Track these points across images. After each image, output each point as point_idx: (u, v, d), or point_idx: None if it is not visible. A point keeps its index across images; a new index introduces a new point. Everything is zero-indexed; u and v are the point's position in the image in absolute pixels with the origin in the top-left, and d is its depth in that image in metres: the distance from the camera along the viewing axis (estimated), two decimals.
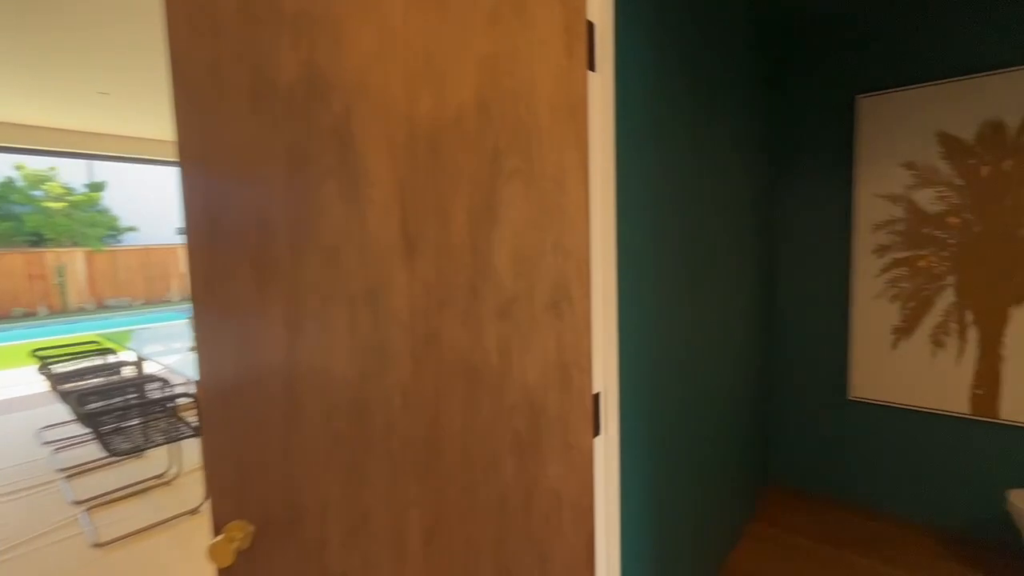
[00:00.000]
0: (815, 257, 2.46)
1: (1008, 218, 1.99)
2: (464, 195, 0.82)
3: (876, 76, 2.23)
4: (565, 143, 0.83)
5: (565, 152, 0.83)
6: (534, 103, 0.82)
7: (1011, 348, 2.03)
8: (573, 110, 0.83)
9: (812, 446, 2.57)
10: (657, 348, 1.41)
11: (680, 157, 1.51)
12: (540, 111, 0.82)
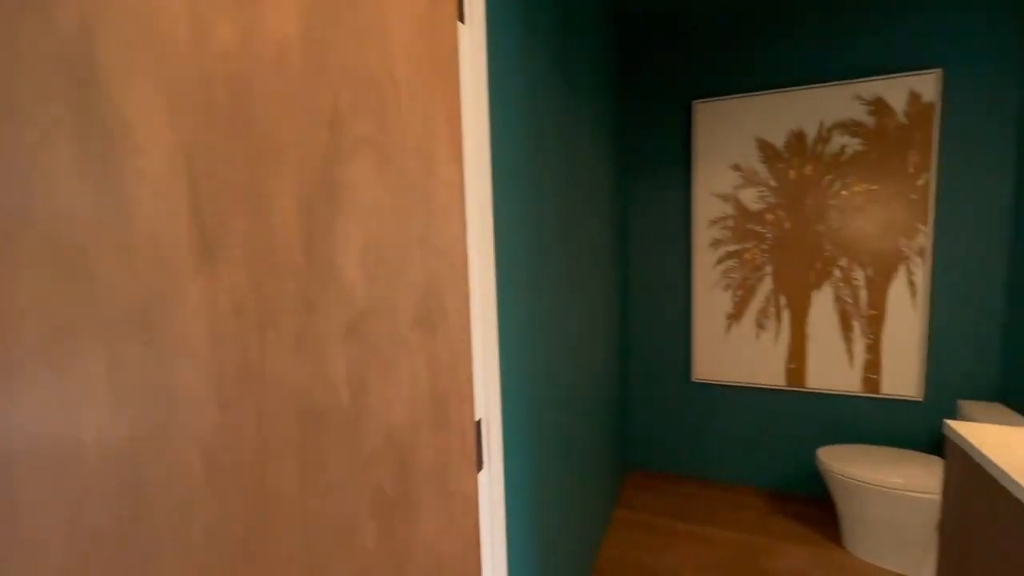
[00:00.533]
0: (661, 250, 2.63)
1: (809, 216, 2.32)
2: (291, 171, 0.58)
3: (710, 84, 2.44)
4: (432, 107, 0.63)
5: (433, 119, 0.63)
6: (389, 52, 0.61)
7: (813, 327, 2.38)
8: (441, 67, 0.64)
9: (664, 429, 2.76)
10: (534, 352, 1.30)
11: (551, 142, 1.43)
12: (397, 63, 0.62)
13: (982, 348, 2.17)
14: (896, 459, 2.06)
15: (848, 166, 2.24)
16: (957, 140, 2.10)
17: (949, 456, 1.48)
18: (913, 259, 2.19)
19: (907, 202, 2.17)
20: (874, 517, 1.98)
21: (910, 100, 2.12)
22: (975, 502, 1.33)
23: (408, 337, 0.64)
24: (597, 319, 2.04)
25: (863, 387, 2.33)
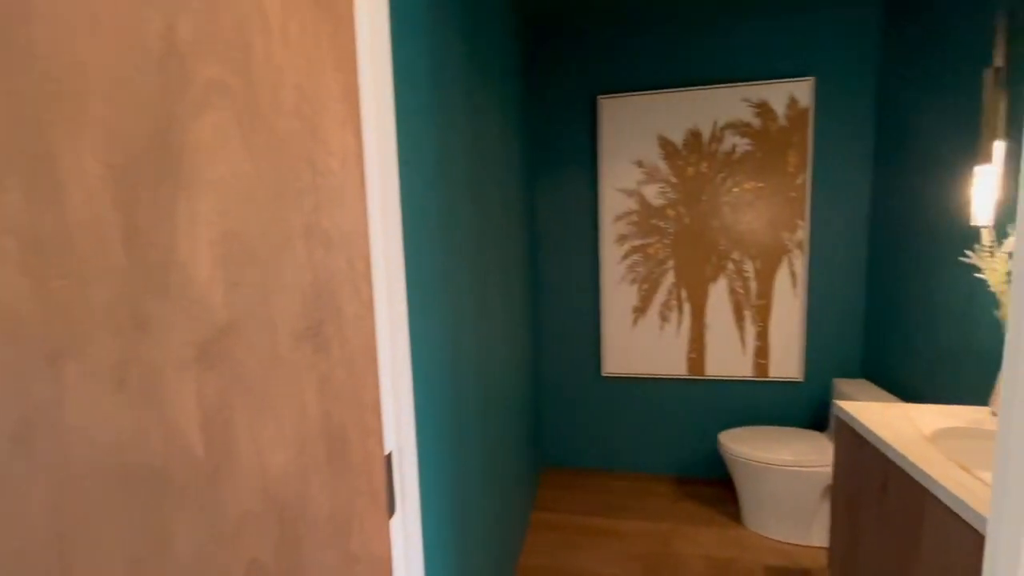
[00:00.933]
0: (571, 246, 2.62)
1: (706, 211, 2.44)
2: (100, 126, 0.40)
3: (614, 80, 2.46)
4: (319, 53, 0.48)
5: (319, 67, 0.48)
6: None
7: (711, 317, 2.50)
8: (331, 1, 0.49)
9: (577, 424, 2.76)
10: (452, 363, 1.17)
11: (461, 124, 1.30)
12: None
13: (848, 332, 2.42)
14: (785, 437, 2.23)
15: (738, 164, 2.37)
16: (828, 142, 2.32)
17: (838, 431, 1.59)
18: (794, 252, 2.39)
19: (788, 199, 2.36)
20: (769, 493, 2.12)
21: (789, 104, 2.29)
22: (860, 467, 1.44)
23: (291, 357, 0.48)
24: (513, 321, 1.96)
25: (754, 372, 2.50)
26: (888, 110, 2.18)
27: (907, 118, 2.06)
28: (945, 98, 1.82)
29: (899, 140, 2.11)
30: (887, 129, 2.19)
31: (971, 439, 1.38)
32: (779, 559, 2.05)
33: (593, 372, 2.69)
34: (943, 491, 1.09)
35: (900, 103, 2.10)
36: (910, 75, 2.03)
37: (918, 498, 1.19)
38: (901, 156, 2.10)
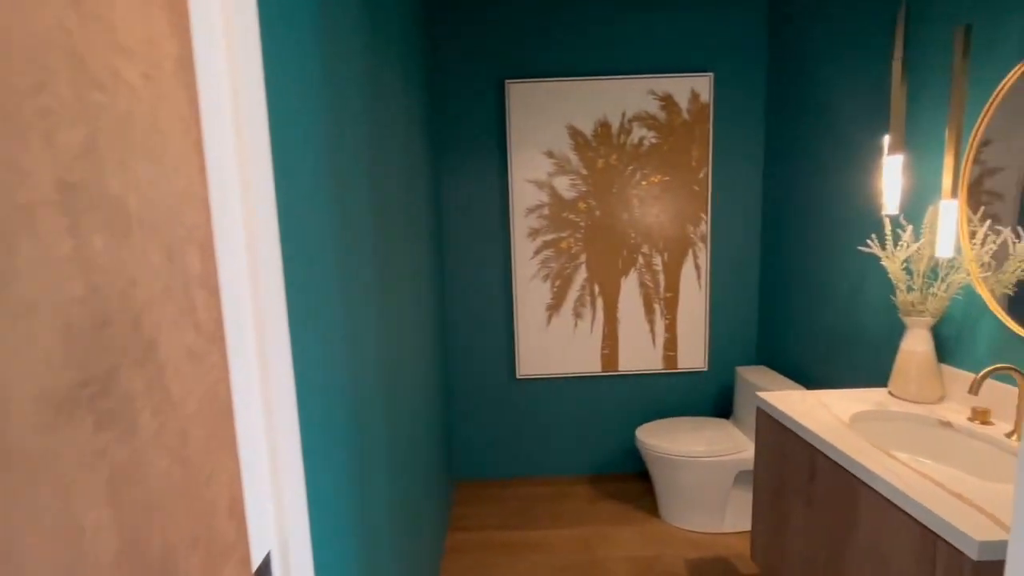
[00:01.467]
0: (480, 241, 2.43)
1: (616, 205, 2.39)
2: None
3: (523, 64, 2.31)
4: None
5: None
6: None
7: (623, 312, 2.47)
8: None
9: (492, 432, 2.59)
10: (350, 396, 0.91)
11: (354, 88, 1.04)
12: None
13: (746, 321, 2.54)
14: (697, 427, 2.25)
15: (646, 157, 2.36)
16: (726, 137, 2.39)
17: (760, 422, 1.58)
18: (698, 244, 2.44)
19: (692, 193, 2.39)
20: (685, 485, 2.13)
21: (691, 99, 2.32)
22: (785, 457, 1.44)
23: (40, 446, 0.23)
24: (423, 328, 1.72)
25: (664, 364, 2.52)
26: (775, 106, 2.29)
27: (791, 114, 2.17)
28: (828, 95, 1.92)
29: (786, 136, 2.22)
30: (775, 125, 2.30)
31: (883, 421, 1.43)
32: (698, 551, 2.06)
33: (507, 375, 2.53)
34: (880, 481, 1.08)
35: (785, 100, 2.21)
36: (791, 71, 2.14)
37: (851, 486, 1.18)
38: (787, 151, 2.21)
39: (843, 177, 1.87)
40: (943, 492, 1.00)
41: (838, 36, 1.89)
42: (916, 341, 1.47)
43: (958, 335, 1.46)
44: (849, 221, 1.84)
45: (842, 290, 1.91)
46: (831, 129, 1.93)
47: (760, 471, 1.60)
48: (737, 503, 2.14)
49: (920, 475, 1.07)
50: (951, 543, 0.91)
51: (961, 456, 1.29)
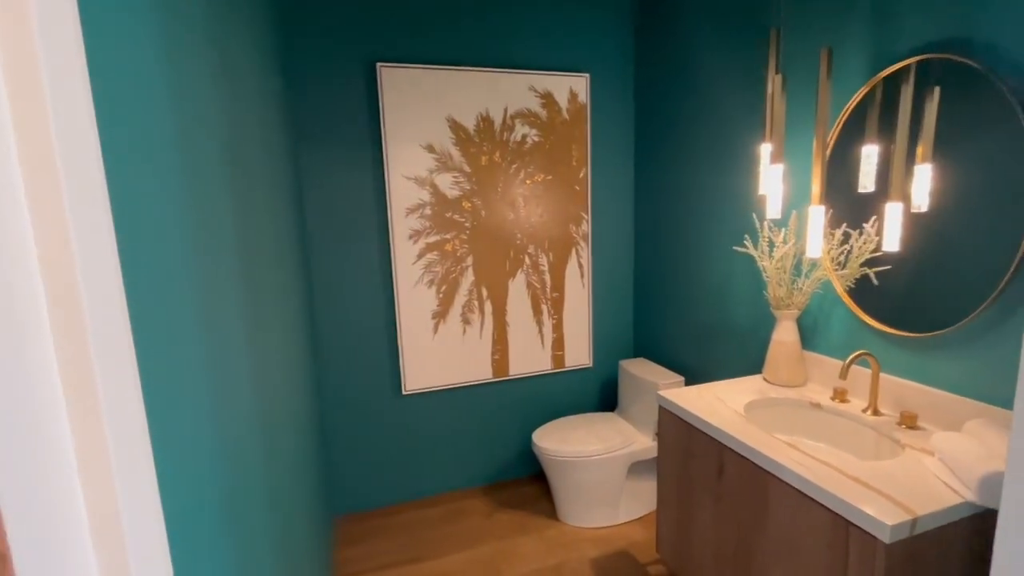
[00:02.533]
0: (355, 246, 2.14)
1: (501, 204, 2.29)
2: None
3: (397, 46, 2.06)
4: None
5: None
6: None
7: (512, 315, 2.39)
8: None
9: (377, 457, 2.32)
10: (219, 445, 0.65)
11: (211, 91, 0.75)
12: None
13: (623, 316, 2.65)
14: (589, 425, 2.28)
15: (529, 155, 2.30)
16: (602, 138, 2.44)
17: (662, 419, 1.61)
18: (580, 244, 2.46)
19: (573, 192, 2.40)
20: (583, 484, 2.14)
21: (570, 98, 2.31)
22: (691, 452, 1.48)
23: None
24: (293, 351, 1.42)
25: (553, 364, 2.51)
26: (645, 111, 2.40)
27: (660, 119, 2.29)
28: (696, 102, 2.06)
29: (655, 139, 2.34)
30: (645, 128, 2.42)
31: (769, 407, 1.55)
32: (599, 548, 2.08)
33: (392, 393, 2.29)
34: (789, 473, 1.14)
35: (654, 104, 2.32)
36: (659, 77, 2.26)
37: (760, 479, 1.23)
38: (656, 154, 2.34)
39: (713, 180, 2.01)
40: (844, 478, 1.09)
41: (706, 47, 2.01)
42: (785, 332, 1.63)
43: (815, 324, 1.65)
44: (719, 222, 1.99)
45: (713, 286, 2.06)
46: (699, 134, 2.06)
47: (665, 467, 1.64)
48: (629, 493, 2.22)
49: (820, 462, 1.15)
50: (864, 529, 0.98)
51: (832, 433, 1.45)
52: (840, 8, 1.47)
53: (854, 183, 1.47)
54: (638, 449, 2.14)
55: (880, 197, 1.41)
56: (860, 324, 1.49)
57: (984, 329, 1.21)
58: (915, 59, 1.30)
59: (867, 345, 1.48)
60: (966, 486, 1.01)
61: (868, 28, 1.40)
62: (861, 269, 1.46)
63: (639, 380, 2.27)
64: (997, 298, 1.17)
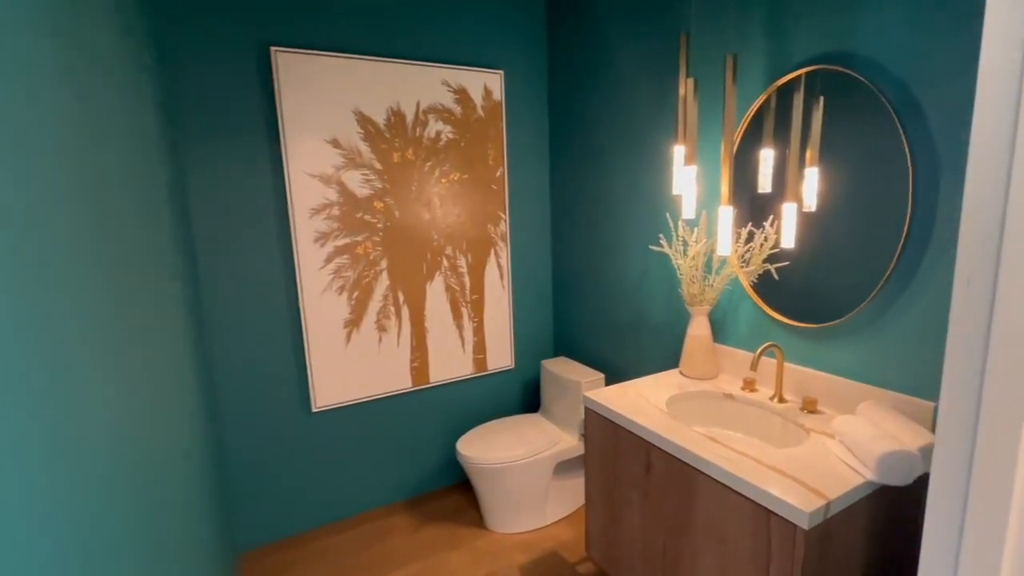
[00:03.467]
0: (250, 251, 1.91)
1: (415, 204, 2.17)
2: None
3: (295, 28, 1.86)
4: None
5: None
6: None
7: (431, 320, 2.29)
8: None
9: (286, 481, 2.10)
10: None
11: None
12: None
13: (544, 315, 2.64)
14: (514, 428, 2.24)
15: (444, 153, 2.20)
16: (518, 135, 2.40)
17: (588, 417, 1.61)
18: (499, 244, 2.41)
19: (491, 191, 2.34)
20: (510, 489, 2.10)
21: (485, 95, 2.25)
22: (619, 451, 1.49)
23: None
24: (177, 374, 1.21)
25: (475, 368, 2.44)
26: (559, 110, 2.41)
27: (574, 119, 2.31)
28: (608, 102, 2.09)
29: (569, 139, 2.36)
30: (559, 128, 2.42)
31: (688, 401, 1.60)
32: (528, 552, 2.06)
33: (300, 411, 2.08)
34: (714, 467, 1.17)
35: (568, 104, 2.34)
36: (571, 78, 2.27)
37: (687, 475, 1.26)
38: (570, 154, 2.35)
39: (628, 180, 2.05)
40: (762, 467, 1.14)
41: (620, 48, 2.04)
42: (698, 327, 1.70)
43: (725, 319, 1.73)
44: (635, 221, 2.04)
45: (630, 283, 2.11)
46: (614, 134, 2.10)
47: (592, 467, 1.64)
48: (556, 492, 2.22)
49: (740, 454, 1.20)
50: (784, 517, 1.02)
51: (744, 422, 1.53)
52: (742, 20, 1.54)
53: (755, 184, 1.56)
54: (563, 448, 2.14)
55: (777, 198, 1.50)
56: (765, 317, 1.59)
57: (870, 319, 1.32)
58: (805, 70, 1.39)
59: (772, 337, 1.58)
60: (865, 466, 1.09)
61: (766, 39, 1.49)
62: (764, 266, 1.55)
63: (561, 379, 2.27)
64: (880, 291, 1.29)
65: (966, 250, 0.53)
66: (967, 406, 0.54)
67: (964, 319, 0.53)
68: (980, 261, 0.52)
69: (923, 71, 1.17)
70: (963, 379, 0.54)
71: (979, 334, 0.52)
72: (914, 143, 1.20)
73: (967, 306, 0.53)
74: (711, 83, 1.63)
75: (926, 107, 1.17)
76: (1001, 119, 0.49)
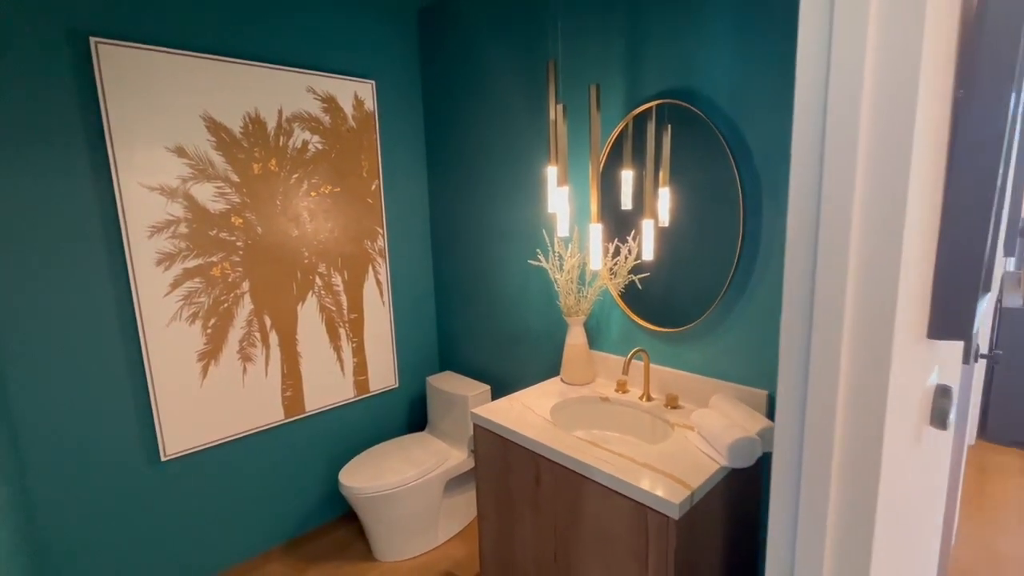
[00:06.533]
0: (62, 283, 1.59)
1: (281, 218, 2.00)
2: None
3: (123, 19, 1.59)
4: None
5: None
6: None
7: (304, 344, 2.12)
8: None
9: (131, 550, 1.78)
10: None
11: None
12: None
13: (427, 331, 2.60)
14: (400, 451, 2.17)
15: (313, 164, 2.06)
16: (393, 148, 2.34)
17: (477, 433, 1.62)
18: (377, 260, 2.32)
19: (366, 205, 2.24)
20: (400, 515, 2.02)
21: (356, 105, 2.15)
22: (509, 465, 1.51)
23: None
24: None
25: (356, 391, 2.31)
26: (434, 125, 2.40)
27: (450, 135, 2.31)
28: (481, 120, 2.13)
29: (446, 155, 2.36)
30: (435, 143, 2.41)
31: (570, 407, 1.68)
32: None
33: (145, 462, 1.79)
34: (597, 472, 1.24)
35: (443, 120, 2.34)
36: (445, 95, 2.28)
37: (573, 482, 1.32)
38: (448, 170, 2.36)
39: (506, 197, 2.11)
40: (637, 466, 1.24)
41: (493, 68, 2.09)
42: (575, 336, 1.80)
43: (599, 326, 1.86)
44: (513, 237, 2.10)
45: (511, 296, 2.17)
46: (490, 153, 2.14)
47: (484, 483, 1.64)
48: (447, 510, 2.19)
49: (617, 455, 1.29)
50: (656, 510, 1.12)
51: (619, 421, 1.65)
52: (604, 51, 1.68)
53: (618, 202, 1.70)
54: (453, 465, 2.12)
55: (638, 214, 1.66)
56: (632, 324, 1.74)
57: (716, 323, 1.52)
58: (656, 102, 1.56)
59: (639, 341, 1.73)
60: (719, 453, 1.25)
61: (624, 71, 1.64)
62: (629, 277, 1.70)
63: (447, 394, 2.25)
64: (721, 299, 1.48)
65: (790, 274, 0.63)
66: (797, 395, 0.64)
67: (792, 326, 0.63)
68: (800, 283, 0.62)
69: (747, 110, 1.38)
70: (793, 372, 0.64)
71: (802, 335, 0.62)
72: (742, 171, 1.40)
73: (793, 318, 0.63)
74: (579, 108, 1.74)
75: (750, 141, 1.38)
76: (810, 155, 0.60)
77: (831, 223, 0.58)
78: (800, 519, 0.65)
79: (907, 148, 0.53)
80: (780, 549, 0.69)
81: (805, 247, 0.61)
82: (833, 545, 0.63)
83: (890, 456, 0.62)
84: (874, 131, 0.54)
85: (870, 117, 0.54)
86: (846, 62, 0.54)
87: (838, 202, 0.57)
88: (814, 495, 0.63)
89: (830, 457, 0.61)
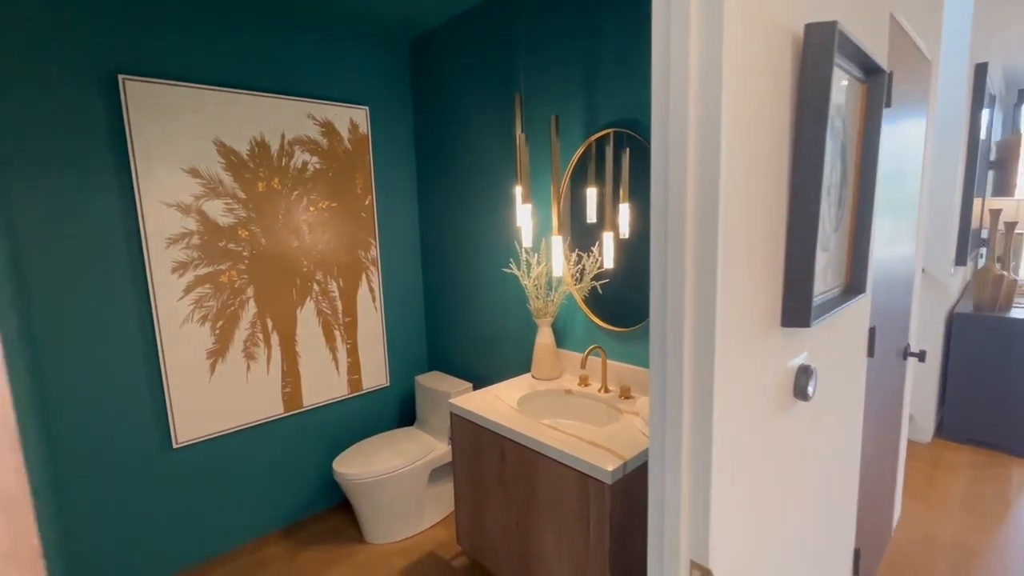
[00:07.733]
0: (96, 286, 1.82)
1: (283, 231, 2.23)
2: None
3: (146, 59, 1.83)
4: None
5: None
6: None
7: (303, 345, 2.33)
8: None
9: (144, 527, 1.99)
10: None
11: None
12: None
13: (417, 334, 2.82)
14: (390, 443, 2.37)
15: (312, 183, 2.29)
16: (386, 167, 2.57)
17: (454, 421, 1.82)
18: (370, 268, 2.54)
19: (360, 219, 2.47)
20: (388, 501, 2.22)
21: (351, 129, 2.39)
22: (479, 448, 1.72)
23: None
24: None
25: (350, 388, 2.52)
26: (423, 148, 2.63)
27: (436, 157, 2.55)
28: (463, 146, 2.37)
29: (434, 174, 2.59)
30: (424, 164, 2.65)
31: (536, 399, 1.88)
32: (407, 557, 2.19)
33: (159, 448, 2.00)
34: (549, 448, 1.45)
35: (431, 144, 2.57)
36: (433, 120, 2.52)
37: (531, 459, 1.53)
38: (436, 188, 2.59)
39: (483, 211, 2.34)
40: (583, 443, 1.44)
41: (471, 99, 2.33)
42: (544, 336, 2.01)
43: (565, 327, 2.07)
44: (490, 248, 2.32)
45: (490, 301, 2.38)
46: (470, 172, 2.37)
47: (459, 466, 1.85)
48: (432, 498, 2.38)
49: (568, 435, 1.50)
50: (595, 478, 1.33)
51: (580, 412, 1.85)
52: (565, 87, 1.91)
53: (584, 216, 1.92)
54: (437, 456, 2.32)
55: (600, 227, 1.87)
56: (593, 325, 1.95)
57: None
58: (611, 130, 1.78)
59: (599, 340, 1.94)
60: None
61: (583, 102, 1.87)
62: (591, 283, 1.91)
63: (433, 392, 2.46)
64: None
65: (655, 275, 0.84)
66: (659, 374, 0.85)
67: (656, 321, 0.84)
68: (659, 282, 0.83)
69: None
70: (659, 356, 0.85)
71: (661, 327, 0.83)
72: None
73: (657, 315, 0.84)
74: (545, 134, 1.97)
75: None
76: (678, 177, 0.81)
77: (675, 234, 0.79)
78: (667, 467, 0.86)
79: (716, 170, 0.74)
80: (658, 485, 0.89)
81: (660, 251, 0.82)
82: (688, 483, 0.84)
83: (725, 414, 0.82)
84: (699, 147, 0.76)
85: (695, 136, 0.76)
86: (679, 97, 0.76)
87: (675, 213, 0.78)
88: (675, 443, 0.84)
89: (681, 420, 0.82)
